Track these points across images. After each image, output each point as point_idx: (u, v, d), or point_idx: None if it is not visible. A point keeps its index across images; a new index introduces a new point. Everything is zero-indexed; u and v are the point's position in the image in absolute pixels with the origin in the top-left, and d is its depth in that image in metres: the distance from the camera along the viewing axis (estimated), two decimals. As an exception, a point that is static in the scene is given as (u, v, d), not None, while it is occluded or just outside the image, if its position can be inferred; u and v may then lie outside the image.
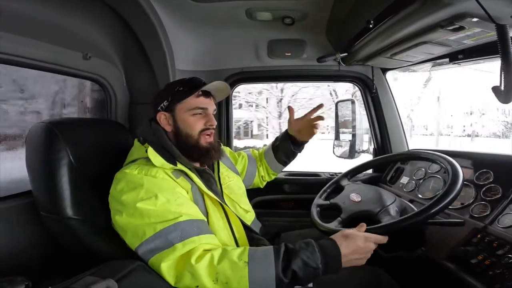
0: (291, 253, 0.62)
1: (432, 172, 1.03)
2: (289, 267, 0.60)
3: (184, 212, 0.66)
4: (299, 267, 0.60)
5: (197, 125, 0.81)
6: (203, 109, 0.81)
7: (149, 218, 0.64)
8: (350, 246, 0.64)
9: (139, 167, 0.71)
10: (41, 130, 0.75)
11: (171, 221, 0.64)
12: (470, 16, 0.60)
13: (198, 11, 1.07)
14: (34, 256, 0.81)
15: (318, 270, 0.61)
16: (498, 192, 0.79)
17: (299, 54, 1.31)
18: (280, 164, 1.09)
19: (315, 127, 1.01)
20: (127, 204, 0.66)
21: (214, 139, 0.85)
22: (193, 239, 0.63)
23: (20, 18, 0.82)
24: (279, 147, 1.07)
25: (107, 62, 1.15)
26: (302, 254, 0.62)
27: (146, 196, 0.66)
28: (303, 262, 0.61)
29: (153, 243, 0.63)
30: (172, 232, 0.63)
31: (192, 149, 0.80)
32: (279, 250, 0.63)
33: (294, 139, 1.05)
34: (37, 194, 0.76)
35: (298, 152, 1.07)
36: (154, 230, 0.63)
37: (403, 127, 1.37)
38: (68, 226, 0.72)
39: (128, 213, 0.65)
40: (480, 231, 0.72)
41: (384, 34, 0.85)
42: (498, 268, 0.61)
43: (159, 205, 0.65)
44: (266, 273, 0.60)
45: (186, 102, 0.80)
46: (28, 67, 0.90)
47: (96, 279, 0.51)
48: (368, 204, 0.83)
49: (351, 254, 0.64)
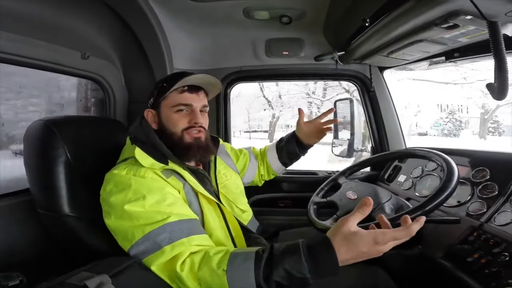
0: (273, 261, 0.55)
1: (429, 170, 1.03)
2: (271, 277, 0.54)
3: (174, 212, 0.65)
4: (282, 277, 0.54)
5: (180, 123, 0.77)
6: (187, 105, 0.78)
7: (138, 220, 0.63)
8: (351, 251, 0.53)
9: (127, 167, 0.70)
10: (39, 128, 0.75)
11: (160, 222, 0.63)
12: (463, 13, 0.61)
13: (196, 10, 1.08)
14: (31, 253, 0.82)
15: (306, 280, 0.53)
16: (494, 190, 0.79)
17: (297, 52, 1.31)
18: (281, 165, 1.09)
19: (325, 130, 1.01)
20: (115, 206, 0.65)
21: (204, 136, 0.81)
22: (182, 241, 0.62)
23: (19, 18, 0.83)
24: (283, 147, 1.05)
25: (106, 61, 1.16)
26: (285, 263, 0.54)
27: (134, 197, 0.65)
28: (286, 272, 0.54)
29: (142, 245, 0.62)
30: (161, 234, 0.62)
31: (175, 146, 0.77)
32: (261, 257, 0.56)
33: (300, 141, 1.04)
34: (34, 192, 0.76)
35: (301, 155, 1.07)
36: (142, 233, 0.62)
37: (400, 126, 1.37)
38: (65, 223, 0.72)
39: (117, 215, 0.65)
40: (476, 229, 0.72)
41: (380, 32, 0.85)
42: (494, 267, 0.61)
43: (147, 206, 0.64)
44: (245, 283, 0.55)
45: (169, 98, 0.77)
46: (27, 66, 0.90)
47: (90, 274, 0.52)
48: None
49: (353, 259, 0.54)
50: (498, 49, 0.53)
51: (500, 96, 0.55)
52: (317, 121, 1.02)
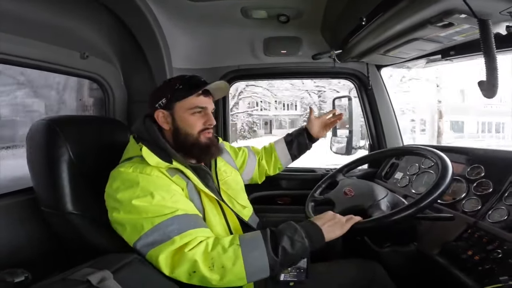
0: (276, 233, 0.68)
1: (425, 167, 1.04)
2: (278, 244, 0.65)
3: (180, 207, 0.68)
4: (286, 243, 0.65)
5: (197, 125, 0.81)
6: (202, 108, 0.81)
7: (146, 213, 0.66)
8: (321, 219, 0.72)
9: (133, 166, 0.72)
10: (42, 127, 0.76)
11: (168, 215, 0.65)
12: (457, 12, 0.61)
13: (194, 10, 1.08)
14: (35, 251, 0.83)
15: (305, 243, 0.66)
16: (489, 187, 0.79)
17: (295, 51, 1.31)
18: (290, 157, 1.15)
19: (331, 124, 1.14)
20: (123, 201, 0.67)
21: (213, 136, 0.85)
22: (190, 232, 0.65)
23: (18, 18, 0.83)
24: (293, 140, 1.14)
25: (105, 61, 1.16)
26: (286, 232, 0.67)
27: (142, 194, 0.67)
28: (289, 238, 0.66)
29: (151, 236, 0.64)
30: (170, 226, 0.65)
31: (191, 147, 0.80)
32: (265, 232, 0.68)
33: (310, 134, 1.14)
34: (38, 190, 0.78)
35: (309, 148, 1.16)
36: (152, 224, 0.65)
37: (397, 123, 1.38)
38: (69, 221, 0.74)
39: (125, 210, 0.67)
40: (471, 226, 0.73)
41: (377, 31, 0.86)
42: (488, 264, 0.62)
43: (155, 201, 0.66)
44: (258, 253, 0.64)
45: (186, 101, 0.79)
46: (26, 67, 0.91)
47: (92, 270, 0.53)
48: (360, 199, 0.84)
49: (325, 224, 0.70)
50: (488, 47, 0.54)
51: (490, 94, 0.56)
52: (324, 117, 1.14)
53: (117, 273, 0.55)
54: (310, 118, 1.14)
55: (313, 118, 1.14)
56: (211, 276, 0.62)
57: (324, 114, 1.16)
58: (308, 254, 0.69)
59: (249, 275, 0.63)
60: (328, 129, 1.15)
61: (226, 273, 0.62)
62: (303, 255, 0.67)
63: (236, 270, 0.62)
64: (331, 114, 1.15)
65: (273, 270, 0.65)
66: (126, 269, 0.58)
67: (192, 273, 0.62)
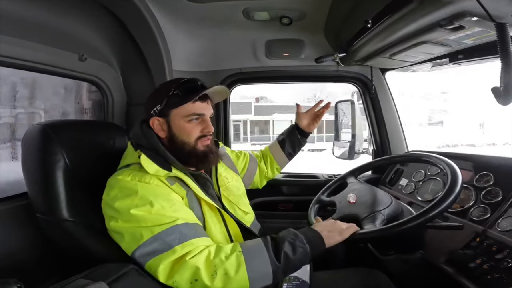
0: (277, 239, 0.67)
1: (432, 174, 1.02)
2: (280, 250, 0.64)
3: (180, 216, 0.66)
4: (288, 249, 0.65)
5: (194, 132, 0.78)
6: (200, 115, 0.78)
7: (145, 222, 0.64)
8: (320, 226, 0.73)
9: (132, 173, 0.70)
10: (37, 132, 0.75)
11: (168, 224, 0.64)
12: (469, 15, 0.59)
13: (194, 11, 1.06)
14: (29, 258, 0.81)
15: (306, 249, 0.66)
16: (498, 195, 0.78)
17: (297, 54, 1.30)
18: (285, 156, 1.14)
19: (320, 116, 1.14)
20: (121, 210, 0.65)
21: (211, 143, 0.82)
22: (191, 242, 0.63)
23: (16, 20, 0.82)
24: (285, 139, 1.13)
25: (104, 63, 1.15)
26: (287, 238, 0.67)
27: (141, 203, 0.65)
28: (290, 244, 0.65)
29: (150, 246, 0.62)
30: (170, 235, 0.63)
31: (188, 155, 0.77)
32: (266, 239, 0.68)
33: (301, 129, 1.13)
34: (32, 196, 0.76)
35: (303, 143, 1.15)
36: (151, 233, 0.63)
37: (402, 128, 1.36)
38: (63, 228, 0.72)
39: (124, 219, 0.65)
40: (479, 235, 0.71)
41: (383, 34, 0.84)
42: (497, 273, 0.60)
43: (154, 211, 0.64)
44: (260, 259, 0.63)
45: (182, 108, 0.76)
46: (24, 69, 0.89)
47: (87, 281, 0.51)
48: (359, 208, 0.82)
49: (324, 230, 0.70)
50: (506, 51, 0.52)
51: (507, 101, 0.53)
52: (312, 110, 1.14)
53: (114, 284, 0.53)
54: (297, 113, 1.14)
55: (301, 112, 1.13)
56: (213, 284, 0.60)
57: (311, 107, 1.15)
58: (310, 260, 0.67)
59: (252, 282, 0.62)
60: (318, 120, 1.14)
61: (229, 280, 0.60)
62: (305, 261, 0.66)
63: (239, 277, 0.61)
64: (317, 106, 1.14)
65: (276, 277, 0.63)
66: (122, 280, 0.56)
67: (193, 282, 0.60)
